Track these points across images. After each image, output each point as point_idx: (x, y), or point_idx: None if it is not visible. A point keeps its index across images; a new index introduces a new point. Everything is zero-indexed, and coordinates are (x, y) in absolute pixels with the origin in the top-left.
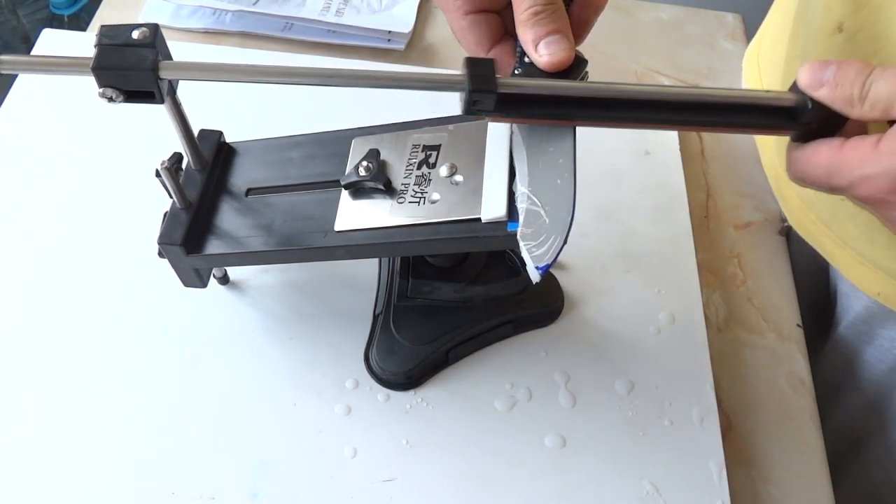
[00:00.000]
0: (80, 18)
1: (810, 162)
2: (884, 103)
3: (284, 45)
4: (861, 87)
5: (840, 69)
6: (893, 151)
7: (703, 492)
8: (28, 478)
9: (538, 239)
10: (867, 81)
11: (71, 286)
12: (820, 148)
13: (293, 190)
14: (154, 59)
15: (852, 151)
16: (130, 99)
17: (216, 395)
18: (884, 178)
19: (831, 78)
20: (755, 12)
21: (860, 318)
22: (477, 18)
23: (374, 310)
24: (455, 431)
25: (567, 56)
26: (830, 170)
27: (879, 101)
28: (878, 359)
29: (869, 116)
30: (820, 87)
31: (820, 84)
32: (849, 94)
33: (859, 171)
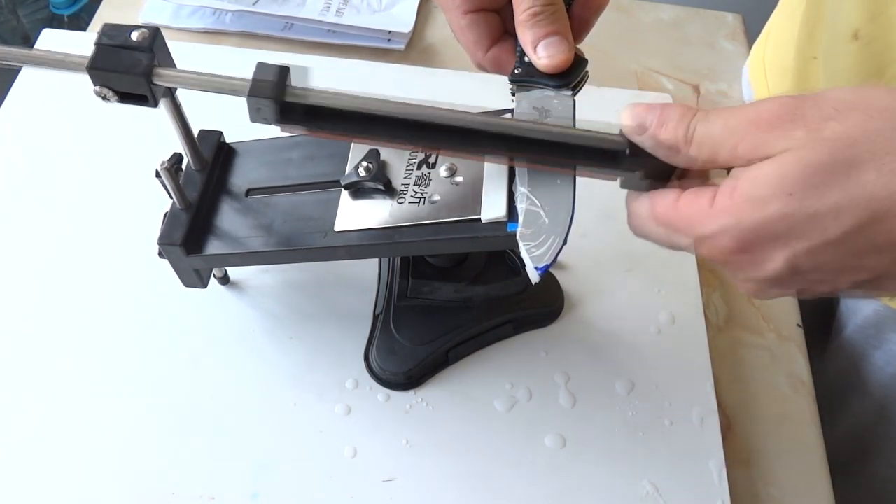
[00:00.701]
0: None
1: (647, 217)
2: (709, 147)
3: (284, 45)
4: (686, 130)
5: (663, 112)
6: (729, 208)
7: (703, 492)
8: (28, 478)
9: (537, 239)
10: (691, 124)
11: (70, 286)
12: (656, 203)
13: (293, 190)
14: (148, 64)
15: (688, 208)
16: (124, 100)
17: (216, 396)
18: (723, 237)
19: (654, 120)
20: (755, 12)
21: (868, 322)
22: (476, 17)
23: (374, 310)
24: (455, 431)
25: (566, 58)
26: (668, 228)
27: (705, 145)
28: (886, 362)
29: (695, 163)
30: (643, 131)
31: (643, 129)
32: (672, 138)
33: (698, 230)
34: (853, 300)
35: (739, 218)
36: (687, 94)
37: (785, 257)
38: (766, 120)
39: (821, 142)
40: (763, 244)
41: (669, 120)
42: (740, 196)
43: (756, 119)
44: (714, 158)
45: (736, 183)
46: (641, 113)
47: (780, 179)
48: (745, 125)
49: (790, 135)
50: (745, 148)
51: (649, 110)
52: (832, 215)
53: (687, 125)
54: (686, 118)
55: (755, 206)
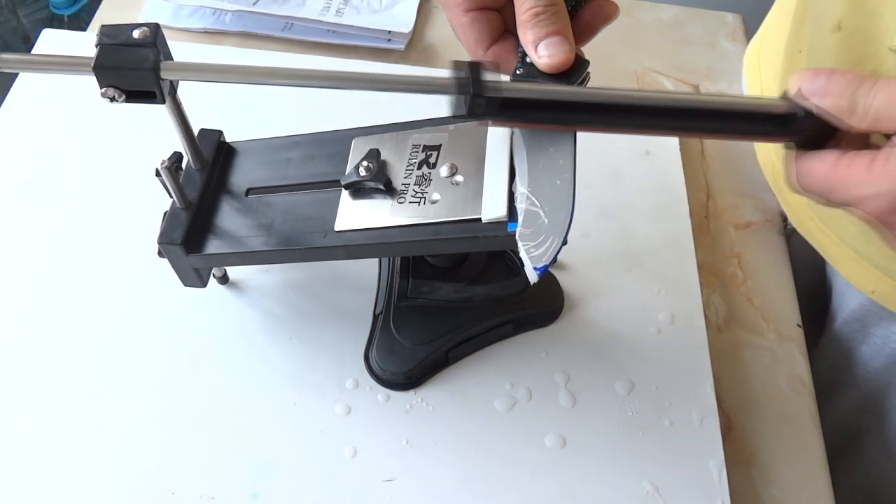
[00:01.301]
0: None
1: (807, 176)
2: (874, 114)
3: (284, 45)
4: (851, 98)
5: (831, 79)
6: (887, 173)
7: (703, 492)
8: (28, 478)
9: (537, 239)
10: (858, 92)
11: (70, 286)
12: (815, 163)
13: (293, 190)
14: (155, 58)
15: (847, 170)
16: (131, 99)
17: (216, 395)
18: (879, 199)
19: (822, 87)
20: (755, 12)
21: (855, 316)
22: (477, 16)
23: (374, 310)
24: (455, 431)
25: (567, 58)
26: (827, 186)
27: (870, 113)
28: (871, 356)
29: (860, 127)
30: (811, 96)
31: (811, 93)
32: (839, 105)
33: (855, 191)
34: (842, 294)
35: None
36: None
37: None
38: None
39: None
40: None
41: (836, 87)
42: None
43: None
44: (877, 125)
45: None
46: (821, 79)
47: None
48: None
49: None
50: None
51: (817, 74)
52: None
53: (853, 94)
54: (853, 86)
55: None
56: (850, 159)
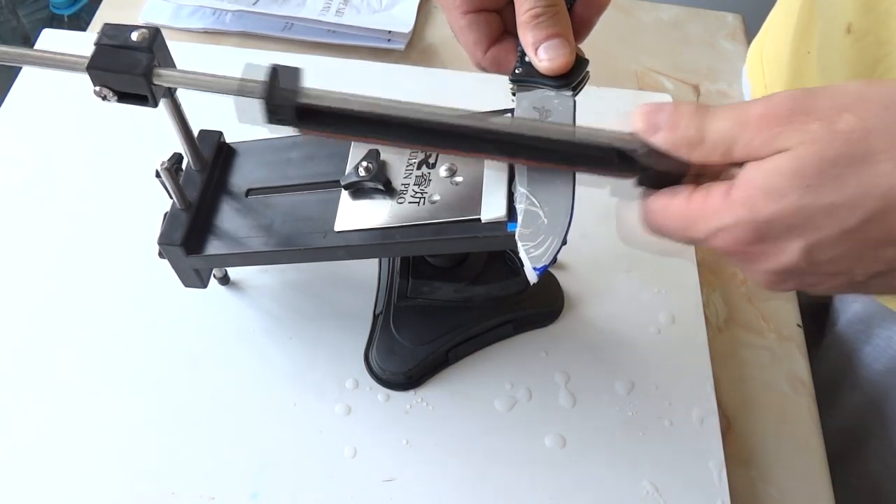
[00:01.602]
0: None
1: (661, 213)
2: (724, 144)
3: (284, 45)
4: (698, 127)
5: (675, 111)
6: (745, 201)
7: (703, 492)
8: (28, 478)
9: (536, 239)
10: (705, 121)
11: (70, 286)
12: (669, 199)
13: (293, 190)
14: (148, 64)
15: (703, 201)
16: (124, 100)
17: (216, 396)
18: (738, 229)
19: (666, 120)
20: (755, 12)
21: (858, 317)
22: (476, 17)
23: (374, 310)
24: (455, 431)
25: (567, 61)
26: (684, 223)
27: (720, 143)
28: (874, 358)
29: (710, 159)
30: (656, 131)
31: (656, 128)
32: (687, 136)
33: (714, 223)
34: (844, 296)
35: (756, 210)
36: (687, 94)
37: (801, 248)
38: (780, 114)
39: (836, 134)
40: (779, 235)
41: (681, 119)
42: (756, 188)
43: (769, 113)
44: (729, 154)
45: (751, 176)
46: (652, 113)
47: (797, 172)
48: (758, 120)
49: (805, 128)
50: (759, 142)
51: (660, 110)
52: (848, 206)
53: (700, 123)
54: (698, 116)
55: (772, 198)
56: (705, 191)
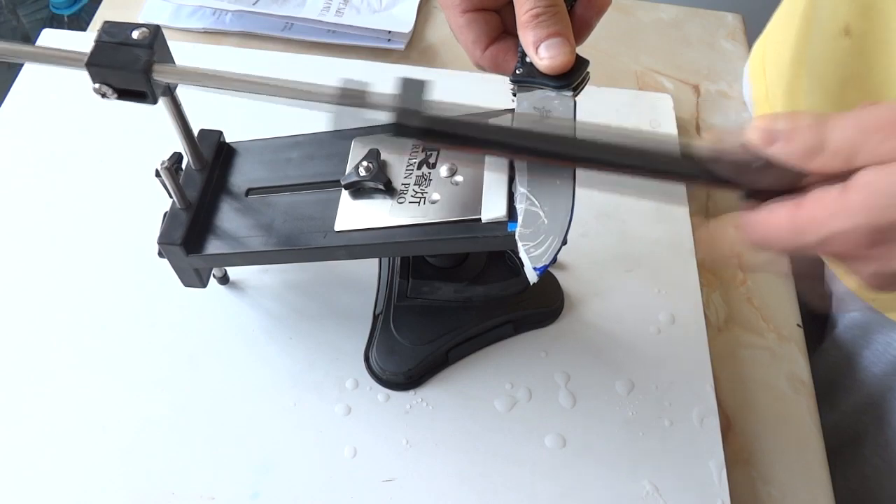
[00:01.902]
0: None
1: (771, 224)
2: (846, 151)
3: (284, 45)
4: (819, 137)
5: (794, 120)
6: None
7: (703, 492)
8: (28, 478)
9: (536, 239)
10: (825, 130)
11: (70, 286)
12: (777, 209)
13: (293, 190)
14: (148, 60)
15: (817, 206)
16: (123, 97)
17: (216, 396)
18: (857, 232)
19: (784, 130)
20: (755, 12)
21: (856, 322)
22: (475, 16)
23: (374, 310)
24: (455, 431)
25: (567, 59)
26: (796, 229)
27: (842, 149)
28: (872, 361)
29: (830, 166)
30: (774, 141)
31: (773, 139)
32: (807, 146)
33: (829, 227)
34: (843, 301)
35: (877, 213)
36: (687, 94)
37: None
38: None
39: None
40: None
41: (801, 128)
42: (878, 192)
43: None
44: (851, 161)
45: (872, 179)
46: (770, 124)
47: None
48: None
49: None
50: (886, 149)
51: (777, 120)
52: None
53: (820, 131)
54: (818, 124)
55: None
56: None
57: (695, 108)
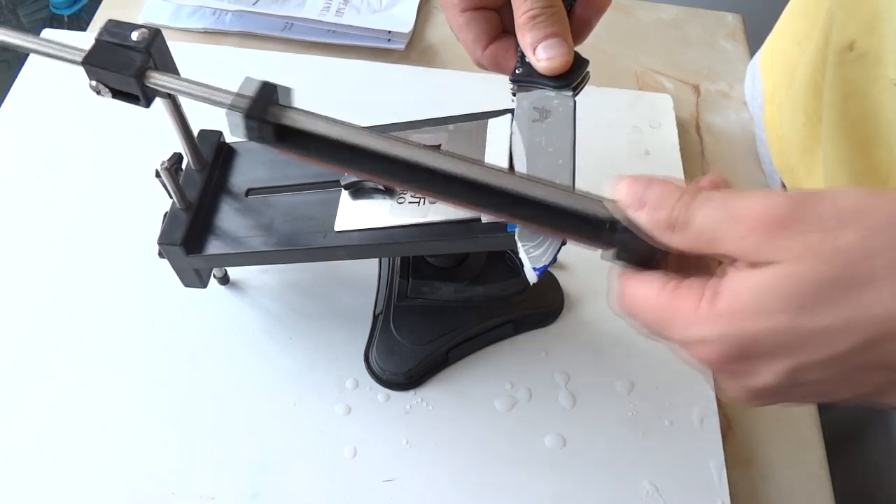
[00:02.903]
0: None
1: (638, 302)
2: (711, 235)
3: (284, 45)
4: (670, 211)
5: (649, 188)
6: (732, 315)
7: (703, 492)
8: (28, 477)
9: (536, 239)
10: (677, 205)
11: (70, 286)
12: (640, 288)
13: (293, 190)
14: (141, 65)
15: (686, 304)
16: (117, 96)
17: (216, 395)
18: (721, 344)
19: (652, 198)
20: (755, 12)
21: None
22: (474, 15)
23: (374, 310)
24: (455, 431)
25: (565, 60)
26: (660, 320)
27: (706, 232)
28: None
29: (693, 247)
30: (640, 207)
31: (640, 204)
32: (657, 219)
33: (694, 332)
34: None
35: (741, 327)
36: (687, 94)
37: (785, 370)
38: (777, 218)
39: (836, 252)
40: (764, 354)
41: (668, 198)
42: (745, 304)
43: (765, 215)
44: (714, 246)
45: (740, 288)
46: (639, 187)
47: (791, 292)
48: (752, 219)
49: (803, 239)
50: (751, 244)
51: (648, 185)
52: (843, 331)
53: (686, 207)
54: (686, 198)
55: (761, 317)
56: (687, 291)
57: (695, 108)
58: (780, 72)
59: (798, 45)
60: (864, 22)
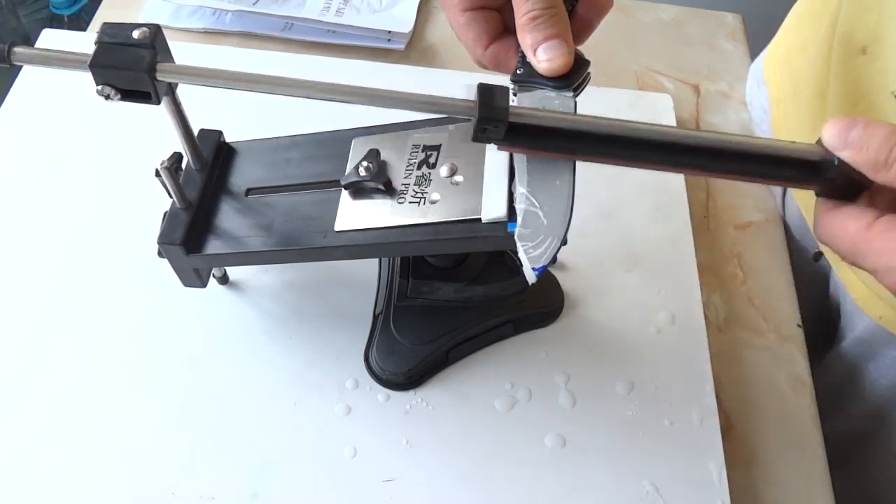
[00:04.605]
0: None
1: (837, 232)
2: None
3: (284, 45)
4: (888, 153)
5: (866, 130)
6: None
7: (703, 492)
8: (28, 477)
9: (535, 240)
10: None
11: (70, 286)
12: (847, 221)
13: (293, 190)
14: (151, 60)
15: (880, 237)
16: (127, 98)
17: (216, 395)
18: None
19: (856, 139)
20: (755, 12)
21: (863, 337)
22: (475, 15)
23: (374, 310)
24: (455, 431)
25: (566, 61)
26: (856, 249)
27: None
28: (879, 374)
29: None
30: (844, 147)
31: (844, 144)
32: (874, 159)
33: (885, 261)
34: (851, 315)
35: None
36: (687, 94)
37: None
38: None
39: None
40: None
41: (872, 139)
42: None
43: None
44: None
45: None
46: (844, 128)
47: None
48: None
49: None
50: None
51: (853, 125)
52: None
53: (889, 149)
54: (890, 141)
55: None
56: (884, 226)
57: (695, 108)
58: (785, 78)
59: (804, 51)
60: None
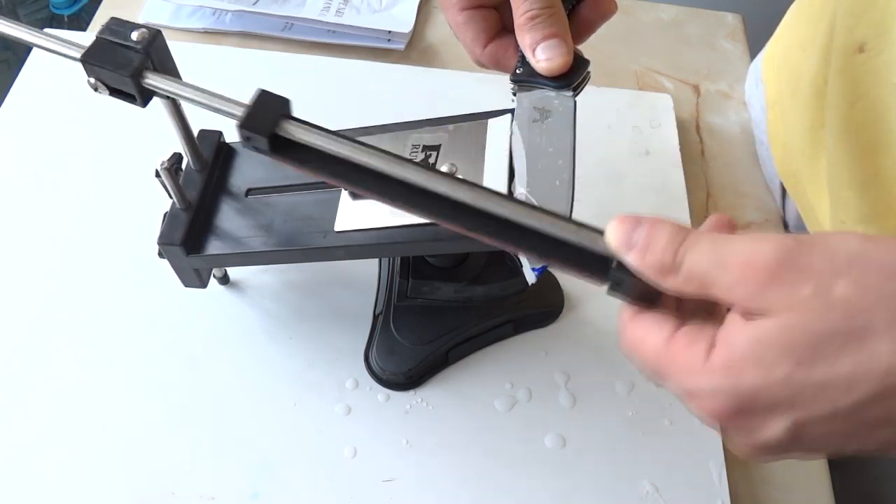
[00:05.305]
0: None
1: (637, 346)
2: (700, 280)
3: (284, 45)
4: (673, 257)
5: (652, 230)
6: (727, 368)
7: (703, 492)
8: (28, 477)
9: None
10: (679, 251)
11: (70, 286)
12: (647, 334)
13: (293, 190)
14: (139, 66)
15: (681, 354)
16: (115, 95)
17: (216, 395)
18: (718, 397)
19: (641, 239)
20: (755, 12)
21: None
22: (473, 14)
23: (374, 310)
24: (455, 431)
25: (564, 61)
26: (658, 368)
27: (695, 277)
28: None
29: (684, 290)
30: (629, 249)
31: (629, 246)
32: (659, 261)
33: (688, 384)
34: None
35: (739, 380)
36: (687, 94)
37: (786, 425)
38: (767, 267)
39: (831, 304)
40: (762, 410)
41: (658, 240)
42: (740, 357)
43: (754, 262)
44: (704, 290)
45: (735, 341)
46: (628, 228)
47: (787, 345)
48: (741, 267)
49: (796, 291)
50: (741, 294)
51: (637, 226)
52: (843, 387)
53: (675, 251)
54: (674, 243)
55: (757, 371)
56: (686, 341)
57: (695, 108)
58: (783, 77)
59: (802, 50)
60: (874, 25)
